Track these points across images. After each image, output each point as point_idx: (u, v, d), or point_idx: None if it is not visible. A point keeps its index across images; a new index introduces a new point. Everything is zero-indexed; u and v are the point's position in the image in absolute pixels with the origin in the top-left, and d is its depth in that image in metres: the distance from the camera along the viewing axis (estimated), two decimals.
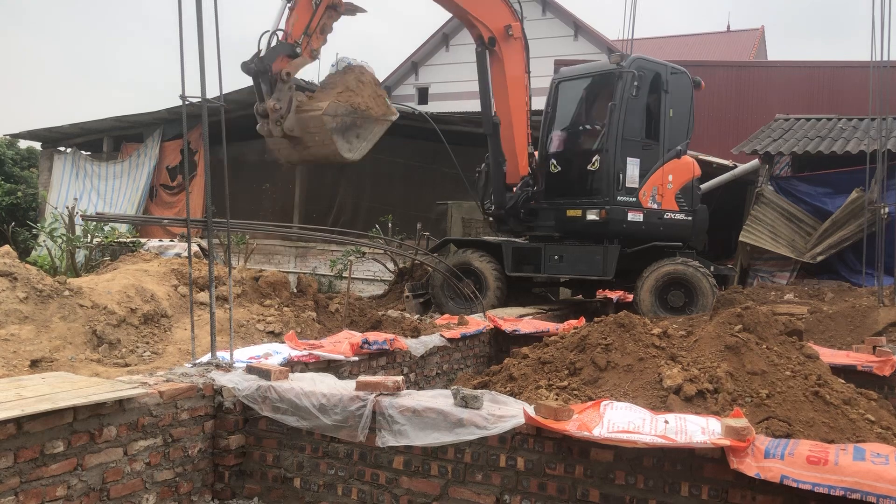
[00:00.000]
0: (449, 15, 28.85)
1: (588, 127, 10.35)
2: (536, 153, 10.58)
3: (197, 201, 16.14)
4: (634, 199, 9.76)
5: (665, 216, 10.10)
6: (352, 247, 13.08)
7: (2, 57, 60.32)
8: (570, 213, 9.98)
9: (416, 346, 6.01)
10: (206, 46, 4.05)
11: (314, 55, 7.25)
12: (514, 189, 10.05)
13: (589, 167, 9.91)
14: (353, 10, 7.73)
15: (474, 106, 22.65)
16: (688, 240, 10.26)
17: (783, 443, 2.94)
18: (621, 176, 9.68)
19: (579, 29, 27.24)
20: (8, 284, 6.43)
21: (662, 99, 10.00)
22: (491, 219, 10.56)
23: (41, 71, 61.03)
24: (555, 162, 10.29)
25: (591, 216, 9.68)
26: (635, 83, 9.59)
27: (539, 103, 11.16)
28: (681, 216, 10.24)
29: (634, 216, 9.76)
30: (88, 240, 11.05)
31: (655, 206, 10.00)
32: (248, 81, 7.37)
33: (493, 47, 9.44)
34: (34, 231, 16.15)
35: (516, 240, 10.52)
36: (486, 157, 10.95)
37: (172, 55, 4.11)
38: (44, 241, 14.12)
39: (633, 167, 9.79)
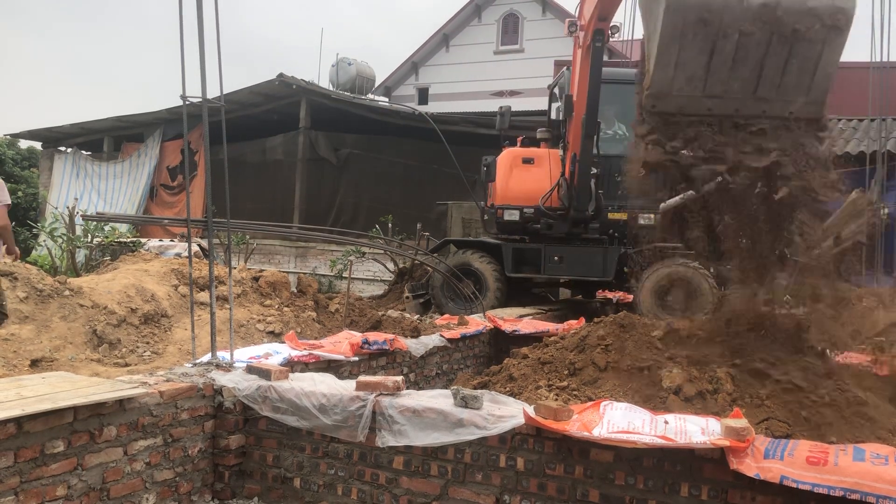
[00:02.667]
0: (449, 15, 28.86)
1: (622, 132, 10.34)
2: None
3: (197, 201, 16.16)
4: None
5: None
6: (352, 247, 13.09)
7: (2, 57, 60.32)
8: (614, 216, 9.99)
9: (416, 346, 6.01)
10: (207, 46, 4.05)
11: None
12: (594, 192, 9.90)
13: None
14: None
15: (474, 106, 22.80)
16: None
17: (783, 443, 2.94)
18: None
19: None
20: (8, 284, 6.43)
21: None
22: (549, 220, 10.07)
23: (41, 71, 61.06)
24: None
25: (645, 220, 9.83)
26: None
27: (540, 103, 11.14)
28: None
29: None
30: (89, 240, 11.05)
31: None
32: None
33: (600, 45, 9.13)
34: (34, 231, 16.16)
35: (516, 240, 10.52)
36: (489, 158, 10.92)
37: (173, 55, 4.12)
38: (44, 240, 14.13)
39: None
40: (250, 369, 4.08)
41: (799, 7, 4.22)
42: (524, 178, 10.34)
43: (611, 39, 9.30)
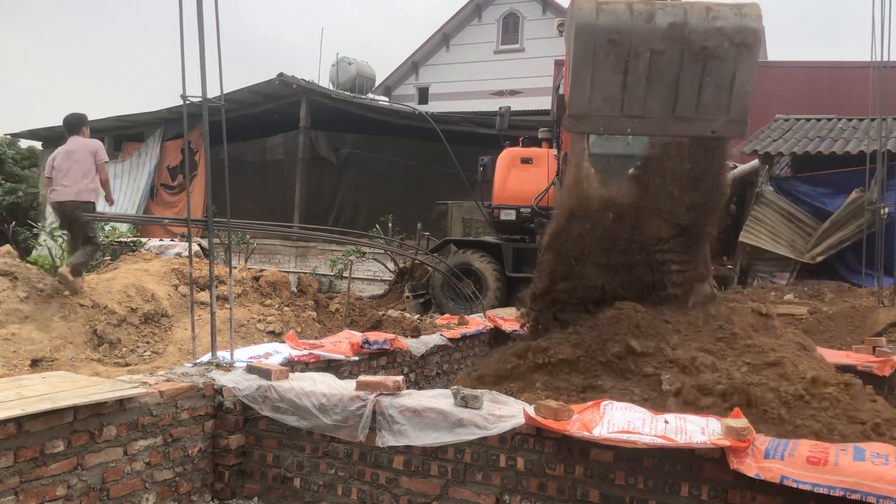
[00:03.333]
0: (449, 14, 28.82)
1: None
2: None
3: (197, 201, 16.15)
4: None
5: None
6: (352, 247, 13.08)
7: (2, 57, 60.34)
8: None
9: (416, 346, 6.01)
10: (207, 46, 4.05)
11: None
12: None
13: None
14: None
15: (474, 106, 22.79)
16: None
17: (783, 443, 2.94)
18: None
19: None
20: (9, 284, 6.44)
21: None
22: (544, 220, 10.23)
23: (41, 71, 61.02)
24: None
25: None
26: None
27: (540, 103, 11.14)
28: None
29: None
30: None
31: None
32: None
33: None
34: (35, 230, 16.15)
35: (516, 240, 10.53)
36: (486, 158, 10.94)
37: (173, 55, 4.12)
38: (44, 240, 14.11)
39: None
40: (250, 369, 4.08)
41: (706, 26, 4.28)
42: (522, 178, 10.34)
43: None
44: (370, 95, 22.37)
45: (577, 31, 4.33)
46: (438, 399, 3.57)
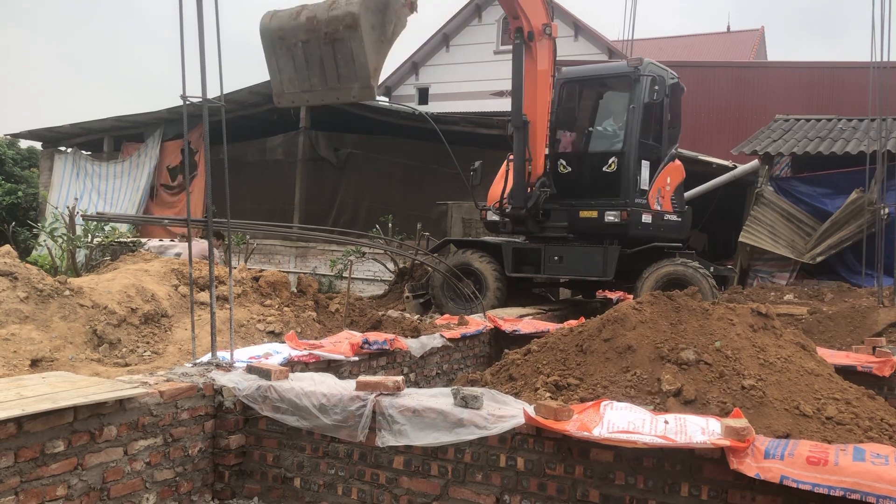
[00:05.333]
0: (449, 15, 28.85)
1: (600, 128, 10.36)
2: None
3: (197, 201, 16.15)
4: (645, 201, 9.92)
5: (665, 217, 10.26)
6: (352, 247, 13.08)
7: (2, 57, 60.41)
8: (584, 214, 9.98)
9: (416, 346, 6.01)
10: (207, 46, 4.05)
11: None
12: (532, 188, 9.94)
13: (605, 169, 9.97)
14: None
15: (474, 106, 22.78)
16: (677, 240, 10.45)
17: (783, 443, 2.94)
18: (637, 178, 9.86)
19: (579, 30, 27.23)
20: (8, 284, 6.43)
21: (664, 103, 10.16)
22: (506, 219, 10.22)
23: (41, 71, 61.15)
24: (564, 162, 10.25)
25: (611, 218, 9.78)
26: (656, 87, 9.77)
27: None
28: (674, 217, 10.51)
29: (646, 218, 9.92)
30: (89, 239, 11.04)
31: (658, 208, 10.17)
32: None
33: (531, 42, 9.39)
34: (35, 231, 16.16)
35: (516, 240, 10.52)
36: (477, 163, 10.96)
37: (173, 55, 4.12)
38: (44, 240, 14.12)
39: (644, 170, 9.99)
40: (250, 369, 4.08)
41: (327, 16, 5.42)
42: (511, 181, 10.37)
43: (542, 38, 9.46)
44: None
45: (260, 33, 5.69)
46: (438, 399, 3.57)
